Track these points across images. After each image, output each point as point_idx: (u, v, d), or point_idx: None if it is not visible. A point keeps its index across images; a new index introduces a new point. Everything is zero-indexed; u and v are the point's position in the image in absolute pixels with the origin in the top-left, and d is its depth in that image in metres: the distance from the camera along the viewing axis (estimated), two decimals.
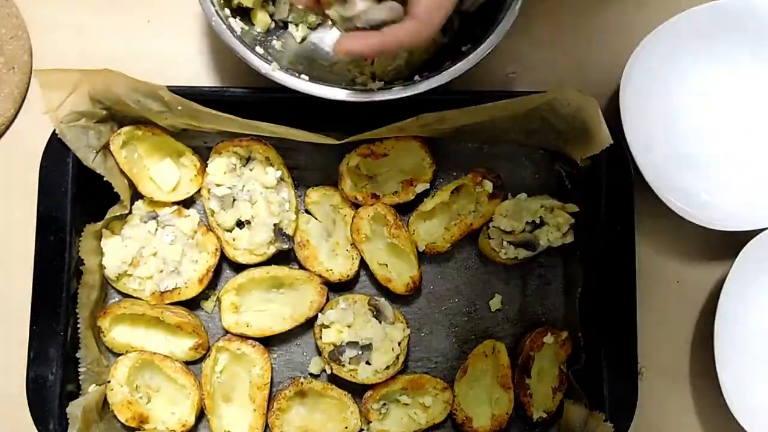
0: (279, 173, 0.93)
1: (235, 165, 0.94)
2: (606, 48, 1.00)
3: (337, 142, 0.91)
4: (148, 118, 0.91)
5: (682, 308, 1.00)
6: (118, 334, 0.93)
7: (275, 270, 0.93)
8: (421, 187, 0.95)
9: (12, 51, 0.98)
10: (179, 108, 0.88)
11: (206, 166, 0.94)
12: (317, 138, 0.89)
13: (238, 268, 0.95)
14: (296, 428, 0.91)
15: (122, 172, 0.93)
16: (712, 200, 0.97)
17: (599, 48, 1.01)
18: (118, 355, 0.94)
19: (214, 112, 0.88)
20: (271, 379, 0.93)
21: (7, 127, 0.99)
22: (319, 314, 0.93)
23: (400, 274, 0.94)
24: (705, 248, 1.00)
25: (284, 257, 0.97)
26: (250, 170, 0.94)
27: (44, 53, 1.00)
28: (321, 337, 0.92)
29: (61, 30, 1.00)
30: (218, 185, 0.93)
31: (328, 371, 0.93)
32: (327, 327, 0.92)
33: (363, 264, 0.95)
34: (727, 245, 0.97)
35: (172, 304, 0.94)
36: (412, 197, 0.96)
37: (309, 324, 0.95)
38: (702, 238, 0.99)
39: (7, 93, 0.98)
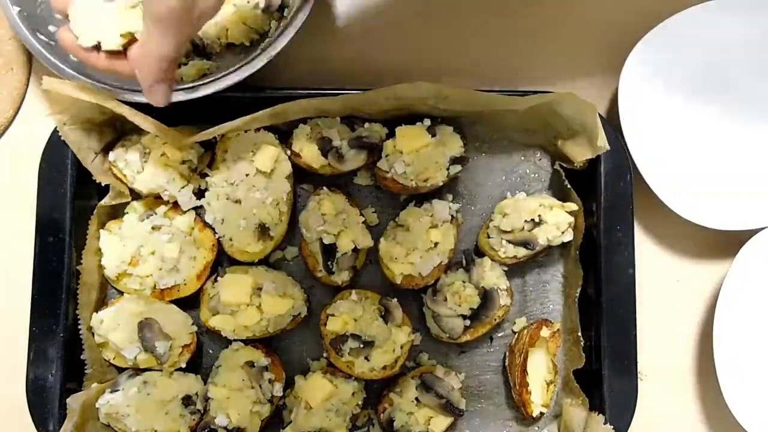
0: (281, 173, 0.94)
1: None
2: (605, 47, 1.00)
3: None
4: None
5: (681, 308, 0.99)
6: None
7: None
8: None
9: (11, 52, 0.98)
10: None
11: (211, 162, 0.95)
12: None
13: (236, 263, 0.94)
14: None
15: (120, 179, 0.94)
16: (711, 200, 0.96)
17: (599, 47, 1.01)
18: None
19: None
20: None
21: (6, 128, 0.99)
22: (334, 302, 0.93)
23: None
24: (705, 248, 1.00)
25: (284, 259, 0.98)
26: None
27: None
28: (326, 324, 0.92)
29: None
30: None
31: (323, 352, 0.94)
32: (333, 315, 0.92)
33: (375, 260, 0.96)
34: (727, 245, 0.97)
35: (172, 301, 0.94)
36: None
37: (311, 325, 0.96)
38: (702, 238, 0.99)
39: (6, 94, 0.98)
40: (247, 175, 0.92)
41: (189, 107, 0.89)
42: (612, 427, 0.87)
